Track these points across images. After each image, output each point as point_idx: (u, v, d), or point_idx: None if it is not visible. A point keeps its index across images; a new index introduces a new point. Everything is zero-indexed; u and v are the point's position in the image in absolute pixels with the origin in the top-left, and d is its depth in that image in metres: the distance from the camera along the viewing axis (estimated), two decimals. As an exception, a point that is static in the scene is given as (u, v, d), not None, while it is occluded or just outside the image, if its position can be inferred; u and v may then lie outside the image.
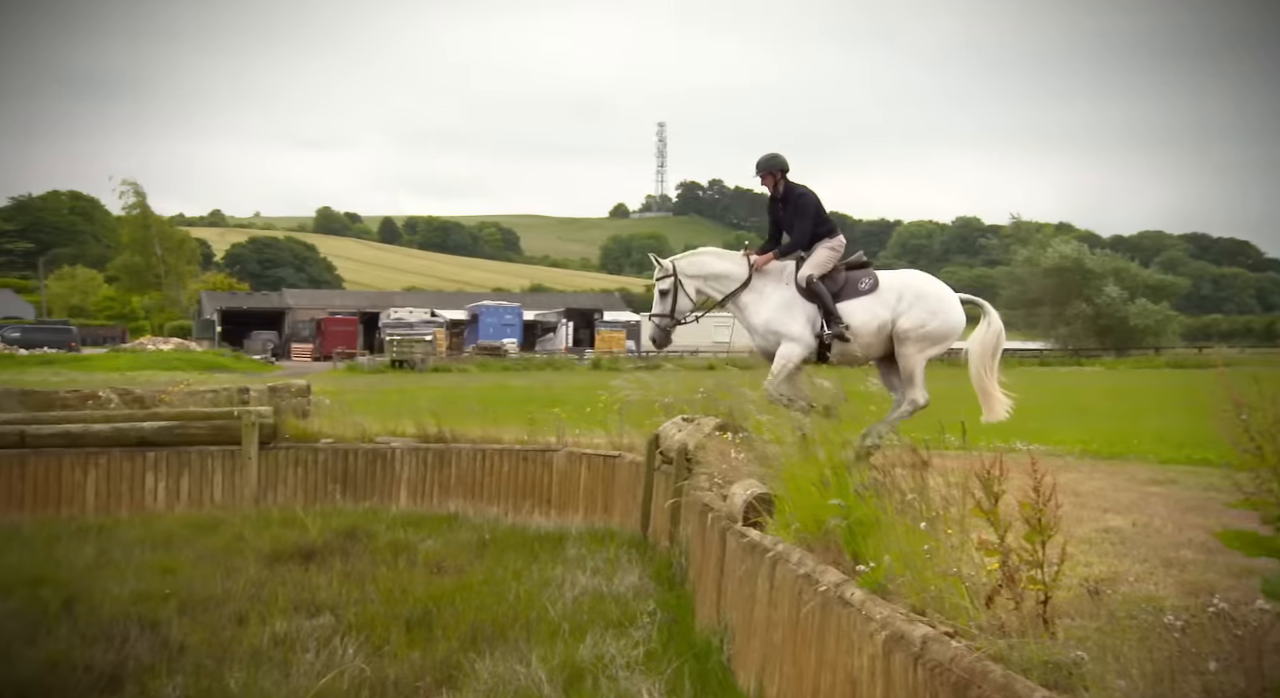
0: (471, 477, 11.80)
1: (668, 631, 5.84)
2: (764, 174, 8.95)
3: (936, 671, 2.67)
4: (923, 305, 8.38)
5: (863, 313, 8.42)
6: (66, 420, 11.42)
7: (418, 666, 5.49)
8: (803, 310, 8.57)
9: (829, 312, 8.43)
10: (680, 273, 8.88)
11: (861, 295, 8.47)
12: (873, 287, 8.50)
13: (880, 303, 8.43)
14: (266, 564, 8.20)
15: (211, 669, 5.37)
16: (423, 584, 7.36)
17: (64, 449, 11.06)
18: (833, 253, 8.71)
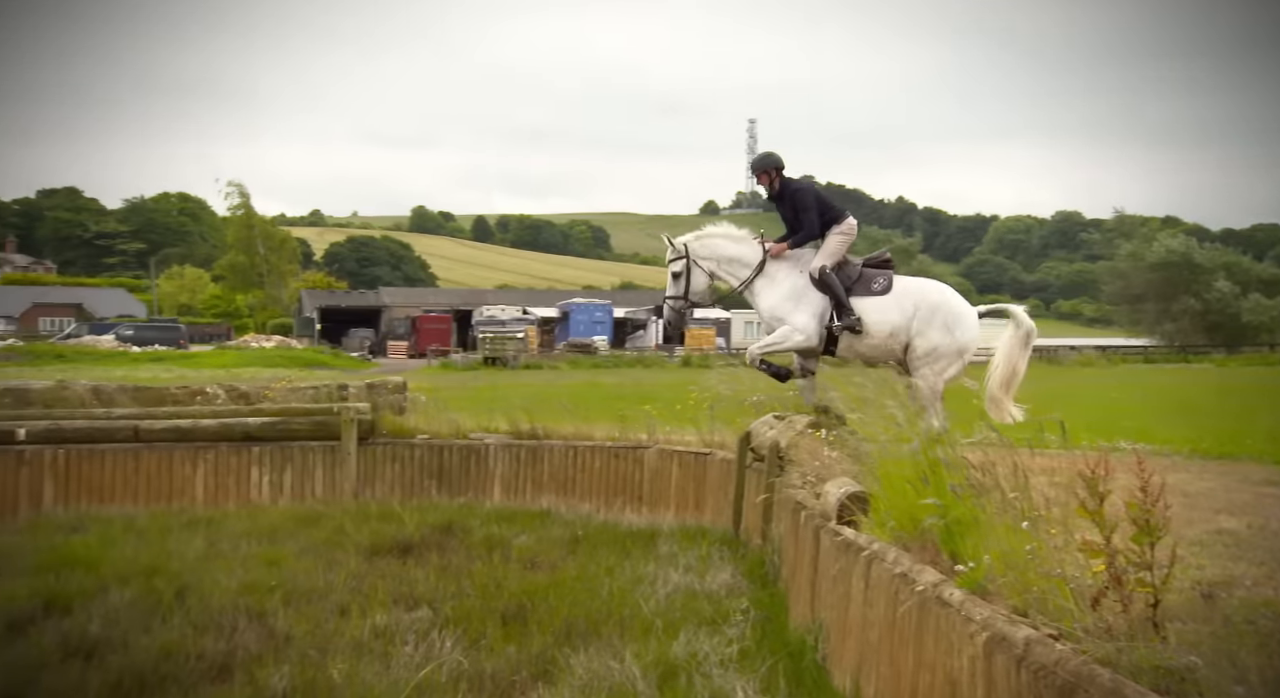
0: (564, 473, 11.91)
1: (761, 629, 5.80)
2: (759, 173, 8.85)
3: (1040, 674, 2.61)
4: (939, 321, 8.18)
5: (874, 313, 8.27)
6: (177, 416, 11.82)
7: (513, 660, 5.55)
8: (810, 302, 8.45)
9: (841, 303, 8.28)
10: (693, 255, 8.78)
11: (874, 295, 8.33)
12: (886, 288, 8.35)
13: (895, 307, 8.27)
14: (366, 558, 8.38)
15: (316, 660, 5.50)
16: (517, 579, 7.45)
17: (174, 444, 11.45)
18: (845, 237, 8.58)
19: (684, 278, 8.76)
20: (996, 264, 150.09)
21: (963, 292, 8.89)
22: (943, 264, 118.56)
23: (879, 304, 8.28)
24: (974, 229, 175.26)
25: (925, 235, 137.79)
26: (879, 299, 8.29)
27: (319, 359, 47.79)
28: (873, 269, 8.52)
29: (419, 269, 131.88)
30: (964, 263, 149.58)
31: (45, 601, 6.68)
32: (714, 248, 8.76)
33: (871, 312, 8.26)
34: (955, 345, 8.15)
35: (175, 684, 5.17)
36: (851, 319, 8.19)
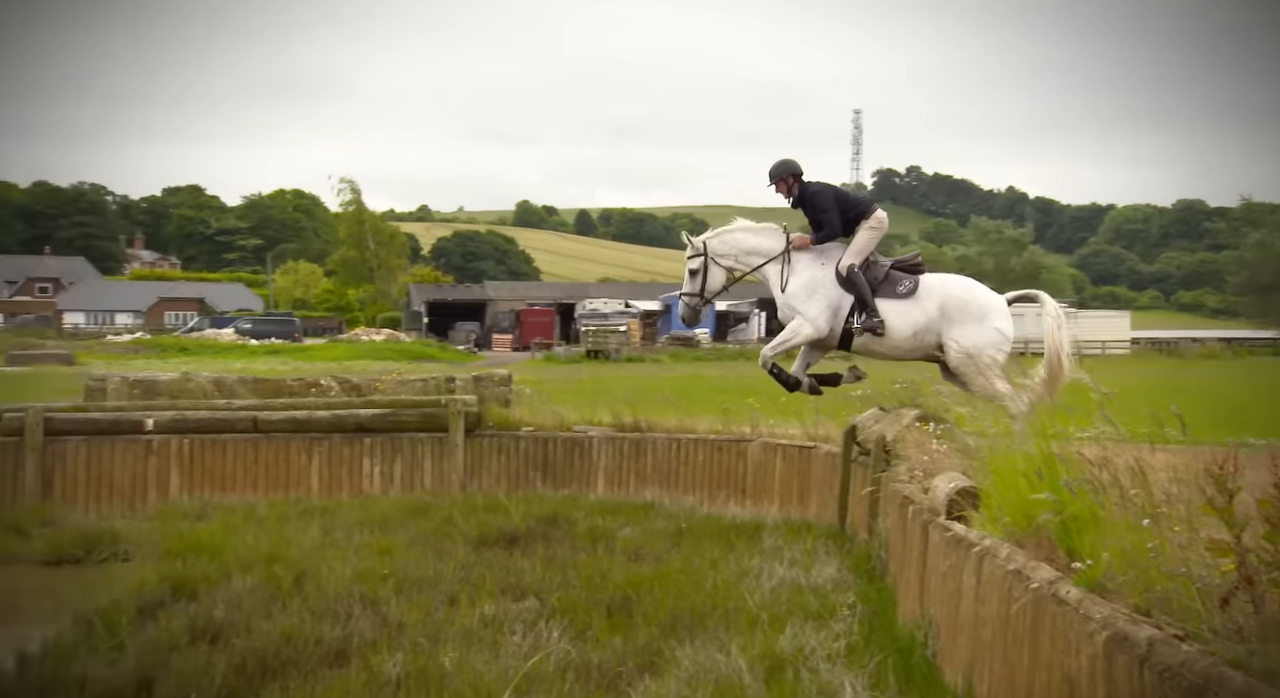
0: (667, 466, 11.93)
1: (869, 624, 5.74)
2: (776, 181, 8.85)
3: (1166, 675, 2.53)
4: (970, 316, 8.14)
5: (896, 316, 8.24)
6: (293, 407, 12.20)
7: (619, 651, 5.59)
8: (826, 295, 8.45)
9: (866, 304, 8.28)
10: (711, 253, 8.84)
11: (898, 298, 8.30)
12: (910, 291, 8.30)
13: (919, 309, 8.24)
14: (474, 548, 8.54)
15: (427, 648, 5.62)
16: (622, 571, 7.50)
17: (291, 434, 11.81)
18: (874, 232, 8.54)
19: (701, 275, 8.85)
20: (1113, 255, 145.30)
21: (1077, 283, 8.67)
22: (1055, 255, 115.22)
23: (902, 308, 8.27)
24: (1088, 219, 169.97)
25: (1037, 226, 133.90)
26: (902, 302, 8.28)
27: (426, 352, 48.77)
28: (901, 271, 8.49)
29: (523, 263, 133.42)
30: (1078, 254, 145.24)
31: (173, 586, 6.97)
32: (733, 243, 8.85)
33: (894, 315, 8.26)
34: (991, 336, 8.11)
35: (295, 669, 5.34)
36: (874, 321, 8.21)
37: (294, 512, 10.15)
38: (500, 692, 4.81)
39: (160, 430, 11.50)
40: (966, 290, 8.40)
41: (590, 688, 5.08)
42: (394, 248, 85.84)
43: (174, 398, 12.51)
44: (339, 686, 4.97)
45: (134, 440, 11.41)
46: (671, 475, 11.80)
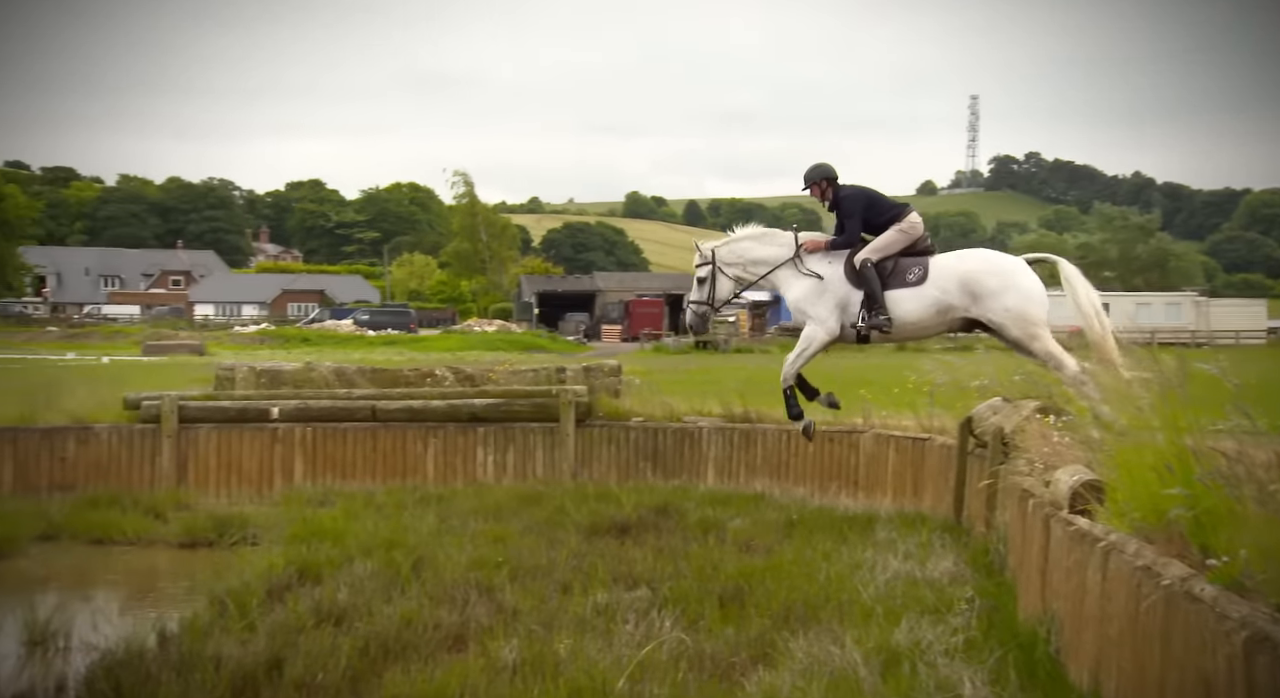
0: (777, 457, 11.86)
1: (988, 619, 5.61)
2: (810, 185, 8.85)
3: (1309, 679, 2.42)
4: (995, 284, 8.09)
5: (908, 302, 8.28)
6: (409, 397, 12.49)
7: (732, 641, 5.59)
8: (834, 293, 8.52)
9: (874, 299, 8.30)
10: (719, 261, 8.88)
11: (909, 286, 8.30)
12: (921, 278, 8.29)
13: (934, 290, 8.25)
14: (585, 537, 8.62)
15: (542, 635, 5.70)
16: (733, 562, 7.48)
17: (407, 423, 12.10)
18: (902, 235, 8.49)
19: (709, 284, 8.91)
20: (1248, 241, 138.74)
21: (1208, 270, 8.33)
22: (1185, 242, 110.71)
23: (914, 294, 8.29)
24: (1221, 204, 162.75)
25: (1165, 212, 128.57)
26: (914, 290, 8.29)
27: (537, 343, 49.40)
28: (910, 257, 8.46)
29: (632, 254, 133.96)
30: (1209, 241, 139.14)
31: (299, 569, 7.21)
32: (740, 252, 8.88)
33: (906, 301, 8.30)
34: (1025, 296, 8.06)
35: (415, 652, 5.47)
36: (880, 319, 8.26)
37: (411, 499, 10.39)
38: (614, 680, 4.85)
39: (285, 419, 11.90)
40: (985, 261, 8.39)
41: (703, 678, 5.08)
42: (505, 239, 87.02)
43: (297, 387, 12.92)
44: (457, 670, 5.07)
45: (261, 428, 11.83)
46: (782, 467, 11.73)
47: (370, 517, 9.31)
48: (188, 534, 9.48)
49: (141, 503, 10.34)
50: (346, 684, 5.04)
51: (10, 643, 6.39)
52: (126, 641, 5.68)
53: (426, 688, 4.81)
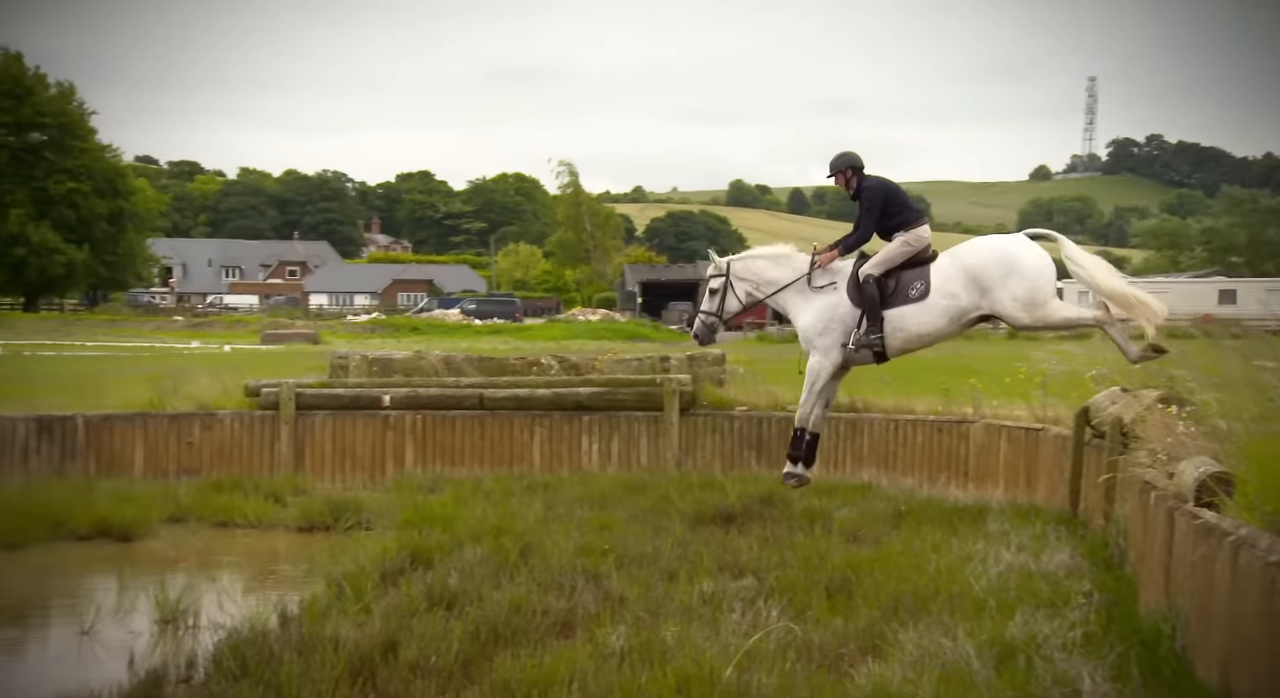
0: (884, 447, 11.70)
1: (1107, 613, 5.44)
2: (835, 174, 8.85)
3: None
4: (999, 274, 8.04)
5: (920, 316, 8.30)
6: (516, 385, 12.66)
7: (840, 632, 5.53)
8: (840, 325, 8.55)
9: (870, 317, 8.35)
10: (733, 274, 8.96)
11: (913, 302, 8.32)
12: (924, 292, 8.30)
13: (940, 299, 8.24)
14: (690, 526, 8.63)
15: (649, 622, 5.73)
16: (840, 552, 7.41)
17: (514, 411, 12.26)
18: (907, 247, 8.47)
19: (720, 295, 8.97)
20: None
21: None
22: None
23: (922, 309, 8.30)
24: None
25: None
26: (920, 304, 8.30)
27: (640, 332, 49.54)
28: (911, 271, 8.45)
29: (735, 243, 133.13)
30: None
31: (411, 554, 7.37)
32: (755, 270, 8.95)
33: (914, 316, 8.32)
34: (1031, 280, 8.00)
35: (525, 637, 5.55)
36: (871, 338, 8.32)
37: (518, 486, 10.54)
38: (722, 668, 4.85)
39: (396, 406, 12.17)
40: (976, 254, 8.32)
41: (811, 668, 5.05)
42: (609, 229, 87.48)
43: (408, 375, 13.20)
44: (566, 655, 5.13)
45: (373, 415, 12.13)
46: (889, 457, 11.56)
47: (479, 503, 9.46)
48: (305, 518, 9.76)
49: (262, 487, 10.69)
50: (458, 668, 5.14)
51: (144, 621, 6.68)
52: (250, 620, 5.90)
53: (536, 673, 4.87)
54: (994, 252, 8.23)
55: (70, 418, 11.55)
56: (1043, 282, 8.03)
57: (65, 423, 11.51)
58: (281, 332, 41.54)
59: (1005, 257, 8.14)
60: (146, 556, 8.74)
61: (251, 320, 56.40)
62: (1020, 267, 8.05)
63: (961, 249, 8.55)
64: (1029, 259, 8.09)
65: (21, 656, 6.34)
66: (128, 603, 6.97)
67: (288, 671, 4.95)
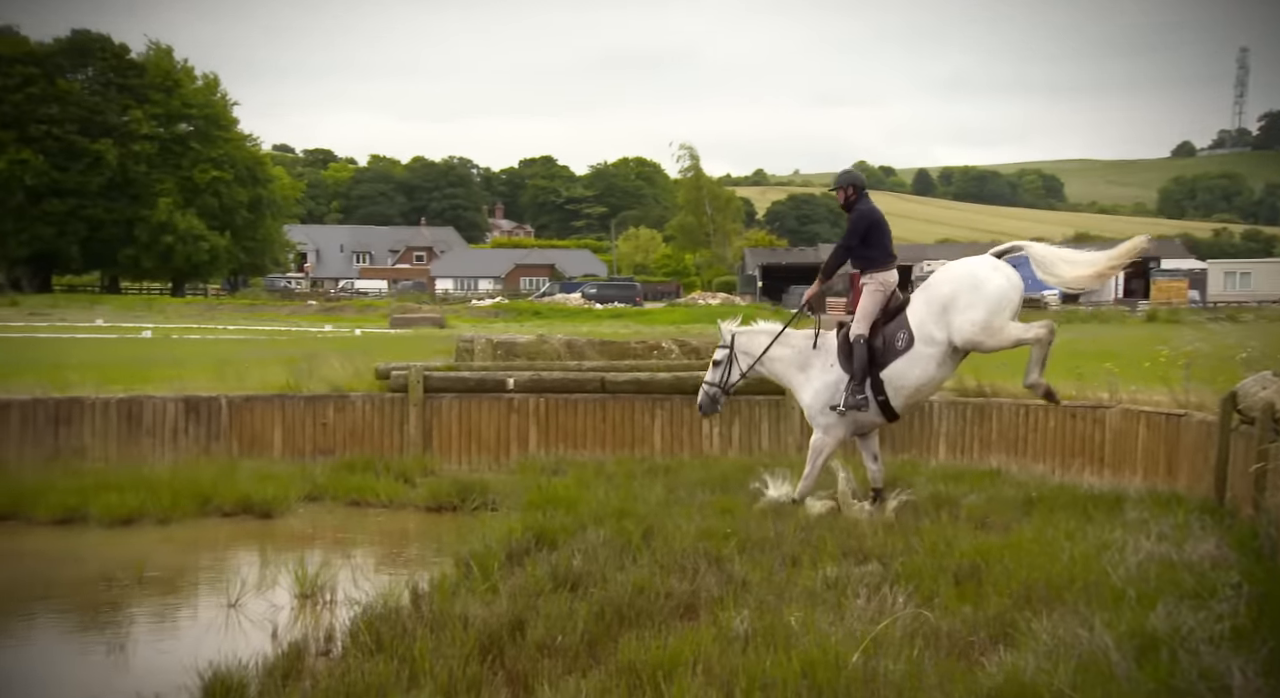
0: (1014, 432, 11.40)
1: (1258, 606, 5.19)
2: (839, 188, 9.03)
3: None
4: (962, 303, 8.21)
5: (913, 369, 8.44)
6: (636, 369, 12.73)
7: (969, 620, 5.41)
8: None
9: (856, 377, 8.52)
10: (737, 348, 9.21)
11: (901, 355, 8.46)
12: (909, 341, 8.45)
13: (924, 343, 8.37)
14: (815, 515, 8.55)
15: (772, 606, 5.70)
16: (968, 539, 7.23)
17: (635, 395, 12.33)
18: (879, 294, 8.67)
19: (724, 368, 9.24)
20: None
21: None
22: None
23: (910, 360, 8.44)
24: None
25: None
26: (908, 356, 8.45)
27: (761, 316, 49.08)
28: (890, 323, 8.61)
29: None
30: None
31: (536, 535, 7.49)
32: (756, 344, 9.18)
33: (907, 370, 8.46)
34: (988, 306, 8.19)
35: (649, 619, 5.57)
36: (858, 399, 8.49)
37: (639, 469, 10.59)
38: (848, 654, 4.79)
39: (520, 389, 12.37)
40: (947, 282, 8.43)
41: (940, 656, 4.95)
42: (730, 212, 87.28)
43: (531, 359, 13.40)
44: (690, 638, 5.14)
45: (498, 398, 12.35)
46: (1019, 442, 11.26)
47: (601, 486, 9.54)
48: (433, 499, 10.01)
49: (392, 468, 10.99)
50: (584, 648, 5.20)
51: (285, 595, 6.96)
52: (384, 597, 6.08)
53: (660, 654, 4.90)
54: (961, 275, 8.40)
55: (215, 399, 12.07)
56: (1001, 312, 8.22)
57: (210, 404, 12.03)
58: (409, 316, 42.62)
59: (972, 279, 8.33)
60: (285, 532, 9.08)
61: (380, 305, 58.09)
62: (985, 290, 8.24)
63: (933, 282, 8.67)
64: (995, 281, 8.29)
65: (175, 625, 6.66)
66: (270, 578, 7.27)
67: (420, 647, 5.09)
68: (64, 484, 9.65)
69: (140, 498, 9.25)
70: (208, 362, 16.56)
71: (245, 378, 13.12)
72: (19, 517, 9.16)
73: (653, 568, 6.51)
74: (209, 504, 9.49)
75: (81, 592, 7.19)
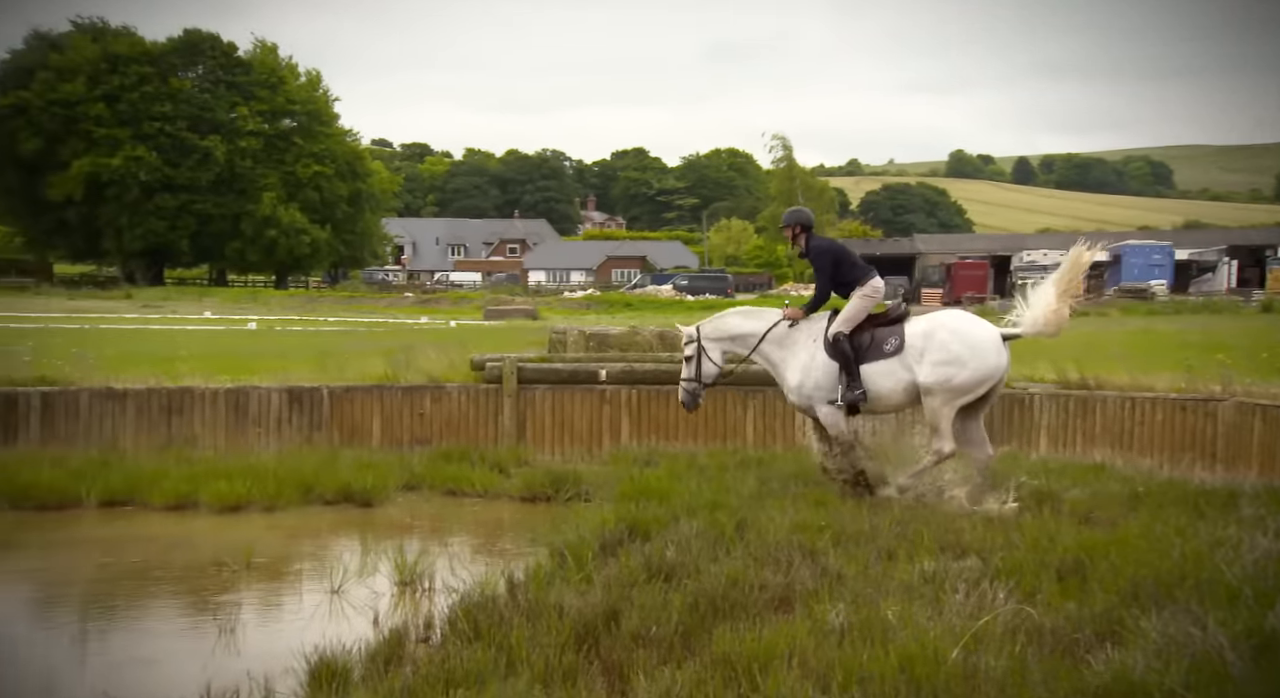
0: (1119, 426, 11.10)
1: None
2: (786, 227, 9.28)
3: None
4: (947, 354, 8.38)
5: (886, 379, 8.60)
6: (730, 361, 12.65)
7: (1074, 617, 5.28)
8: (830, 374, 8.79)
9: (850, 374, 8.61)
10: (703, 338, 9.24)
11: (885, 358, 8.60)
12: (898, 348, 8.57)
13: (903, 365, 8.55)
14: (908, 503, 8.44)
15: (869, 600, 5.63)
16: (1071, 534, 7.06)
17: (727, 387, 12.26)
18: (866, 300, 8.81)
19: (695, 362, 9.28)
20: None
21: None
22: None
23: (887, 369, 8.59)
24: None
25: None
26: (888, 362, 8.59)
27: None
28: (886, 328, 8.74)
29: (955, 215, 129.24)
30: None
31: (629, 526, 7.51)
32: (724, 329, 9.25)
33: (882, 378, 8.61)
34: (965, 377, 8.36)
35: (743, 611, 5.55)
36: (856, 394, 8.59)
37: (731, 461, 10.57)
38: (947, 649, 4.71)
39: (612, 381, 12.43)
40: (954, 332, 8.53)
41: (1043, 653, 4.84)
42: (822, 203, 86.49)
43: (623, 350, 13.44)
44: (785, 630, 5.10)
45: (590, 389, 12.43)
46: (1125, 436, 10.96)
47: (693, 478, 9.53)
48: (527, 489, 10.11)
49: (487, 458, 11.14)
50: (678, 639, 5.20)
51: (385, 582, 7.11)
52: (480, 585, 6.16)
53: (755, 646, 4.88)
54: (972, 341, 8.47)
55: (317, 389, 12.38)
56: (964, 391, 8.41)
57: (312, 394, 12.34)
58: (502, 308, 43.15)
59: (975, 352, 8.42)
60: (384, 520, 9.27)
61: (474, 297, 58.92)
62: (978, 365, 8.38)
63: (944, 320, 8.79)
64: (988, 362, 8.40)
65: (280, 609, 6.86)
66: (370, 565, 7.43)
67: (517, 635, 5.15)
68: (177, 472, 10.00)
69: (247, 486, 9.54)
70: (309, 353, 16.99)
71: (345, 369, 13.43)
72: (136, 502, 9.52)
73: (746, 560, 6.48)
74: (312, 492, 9.74)
75: (194, 576, 7.45)
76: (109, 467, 10.16)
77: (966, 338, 8.49)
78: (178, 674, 5.41)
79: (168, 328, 29.65)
